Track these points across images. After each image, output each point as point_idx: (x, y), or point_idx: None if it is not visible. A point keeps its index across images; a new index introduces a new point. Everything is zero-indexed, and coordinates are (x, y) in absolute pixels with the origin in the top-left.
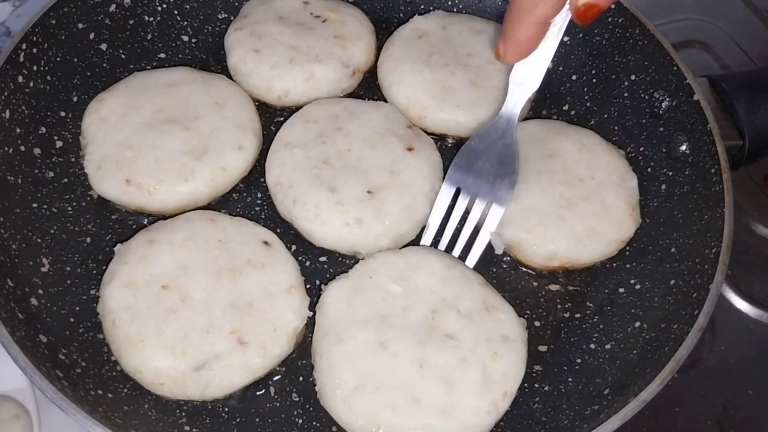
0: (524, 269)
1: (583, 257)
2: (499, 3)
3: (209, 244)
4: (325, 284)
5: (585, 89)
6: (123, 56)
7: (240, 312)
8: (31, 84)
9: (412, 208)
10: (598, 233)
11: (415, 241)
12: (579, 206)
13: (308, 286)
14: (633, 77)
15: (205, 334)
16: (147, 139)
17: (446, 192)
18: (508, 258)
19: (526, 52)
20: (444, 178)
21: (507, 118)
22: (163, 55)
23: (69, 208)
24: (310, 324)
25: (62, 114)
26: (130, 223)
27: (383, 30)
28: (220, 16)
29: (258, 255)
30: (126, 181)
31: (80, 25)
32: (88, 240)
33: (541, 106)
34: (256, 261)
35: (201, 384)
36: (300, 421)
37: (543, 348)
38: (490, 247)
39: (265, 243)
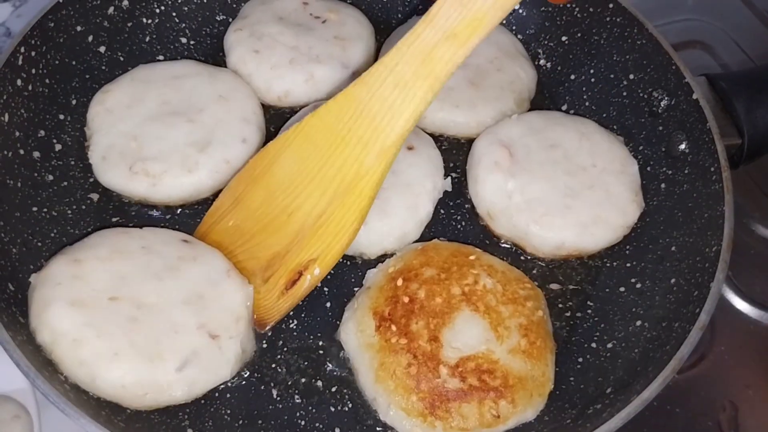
0: (524, 268)
1: (590, 245)
2: None
3: (135, 252)
4: (327, 285)
5: (584, 89)
6: (122, 59)
7: (196, 305)
8: (30, 87)
9: (415, 207)
10: (603, 220)
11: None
12: (583, 195)
13: None
14: (632, 76)
15: (174, 335)
16: (151, 131)
17: None
18: (509, 257)
19: None
20: (445, 176)
21: None
22: (161, 57)
23: (69, 212)
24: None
25: (61, 117)
26: (131, 225)
27: (382, 30)
28: (218, 18)
29: (185, 251)
30: (129, 169)
31: (78, 28)
32: None
33: (540, 105)
34: (186, 256)
35: (187, 383)
36: (303, 423)
37: None
38: (490, 246)
39: (185, 241)
